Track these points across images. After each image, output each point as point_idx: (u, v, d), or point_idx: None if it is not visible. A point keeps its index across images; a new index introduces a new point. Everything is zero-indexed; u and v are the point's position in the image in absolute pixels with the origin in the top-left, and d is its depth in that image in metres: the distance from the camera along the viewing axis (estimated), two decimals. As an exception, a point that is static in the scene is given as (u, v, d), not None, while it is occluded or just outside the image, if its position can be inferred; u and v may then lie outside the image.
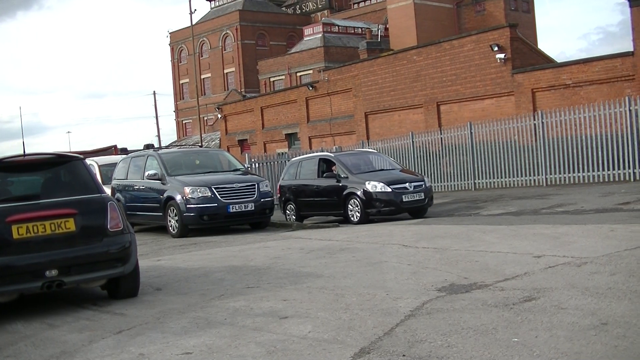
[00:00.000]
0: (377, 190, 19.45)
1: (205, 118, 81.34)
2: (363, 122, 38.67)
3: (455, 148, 29.02)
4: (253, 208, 19.37)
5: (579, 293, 7.47)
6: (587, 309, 6.79)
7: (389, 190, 19.45)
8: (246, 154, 33.09)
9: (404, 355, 5.88)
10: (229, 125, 50.74)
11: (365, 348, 6.19)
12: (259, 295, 9.06)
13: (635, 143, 23.21)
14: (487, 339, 6.13)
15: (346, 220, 20.23)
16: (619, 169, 23.78)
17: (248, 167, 23.63)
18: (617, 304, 6.86)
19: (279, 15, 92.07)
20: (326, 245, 14.16)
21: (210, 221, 19.27)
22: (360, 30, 72.56)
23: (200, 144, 59.23)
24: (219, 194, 19.01)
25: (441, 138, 29.84)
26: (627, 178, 23.41)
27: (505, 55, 30.76)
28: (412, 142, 30.74)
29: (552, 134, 25.64)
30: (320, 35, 71.95)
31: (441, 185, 29.52)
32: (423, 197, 19.85)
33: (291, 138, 45.15)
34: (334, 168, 21.08)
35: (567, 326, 6.27)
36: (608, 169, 24.03)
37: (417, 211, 20.07)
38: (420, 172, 27.44)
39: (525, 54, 31.85)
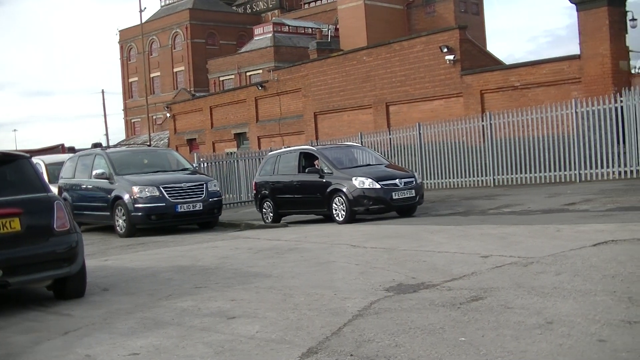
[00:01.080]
0: (365, 186, 18.10)
1: (154, 117, 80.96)
2: (312, 122, 38.69)
3: (404, 148, 29.14)
4: (201, 208, 19.34)
5: (525, 292, 7.54)
6: (532, 308, 6.84)
7: (378, 186, 18.12)
8: (195, 154, 32.89)
9: (351, 355, 5.88)
10: (178, 125, 50.48)
11: (313, 348, 6.18)
12: (207, 295, 9.02)
13: (581, 145, 23.52)
14: (434, 338, 6.15)
15: (330, 219, 19.06)
16: (565, 170, 24.07)
17: (196, 167, 23.51)
18: (562, 303, 6.93)
19: (229, 14, 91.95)
20: (275, 245, 14.13)
21: (158, 221, 19.22)
22: (310, 30, 72.70)
23: (148, 143, 58.89)
24: (167, 194, 18.94)
25: (390, 138, 29.94)
26: (573, 179, 23.70)
27: (454, 57, 30.96)
28: (361, 142, 30.73)
29: (500, 135, 25.87)
30: (271, 35, 71.95)
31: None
32: (414, 195, 18.52)
33: (240, 138, 45.05)
34: (316, 162, 19.76)
35: (513, 325, 6.32)
36: (554, 170, 24.32)
37: (407, 209, 18.93)
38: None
39: (475, 56, 32.08)
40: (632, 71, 25.53)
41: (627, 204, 15.82)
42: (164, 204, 18.91)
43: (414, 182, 18.80)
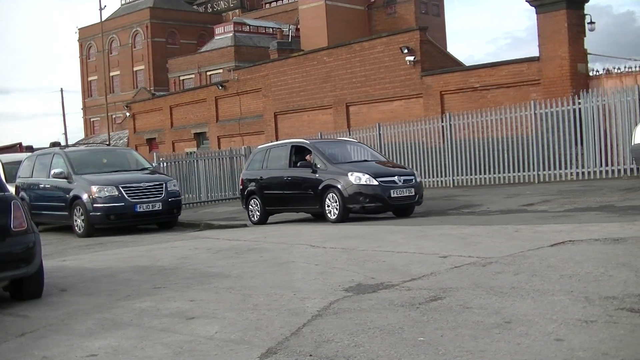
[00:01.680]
0: (362, 182, 17.06)
1: (114, 116, 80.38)
2: (272, 122, 38.60)
3: (365, 149, 29.15)
4: (161, 208, 19.27)
5: (483, 292, 7.58)
6: (491, 308, 6.88)
7: (376, 183, 17.09)
8: (154, 153, 32.72)
9: (310, 355, 5.87)
10: (138, 124, 50.17)
11: (273, 348, 6.16)
12: (166, 295, 8.97)
13: (540, 146, 23.75)
14: (393, 338, 6.17)
15: (322, 217, 18.15)
16: (524, 171, 24.30)
17: (156, 167, 23.40)
18: (520, 303, 6.98)
19: (190, 13, 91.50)
20: (234, 245, 14.10)
21: (117, 221, 19.13)
22: (271, 30, 72.60)
23: (108, 143, 58.51)
24: (126, 193, 18.86)
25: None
26: (532, 180, 23.92)
27: (414, 58, 31.01)
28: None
29: (460, 136, 26.03)
30: (231, 34, 71.76)
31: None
32: (413, 194, 17.50)
33: (200, 137, 44.87)
34: (308, 157, 18.59)
35: (472, 325, 6.35)
36: (513, 171, 24.54)
37: (405, 209, 17.91)
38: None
39: (435, 57, 32.18)
40: (590, 74, 25.75)
41: (584, 204, 15.99)
42: (123, 204, 18.83)
43: (414, 180, 17.86)
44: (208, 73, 71.41)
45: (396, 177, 17.52)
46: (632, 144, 19.16)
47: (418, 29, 32.32)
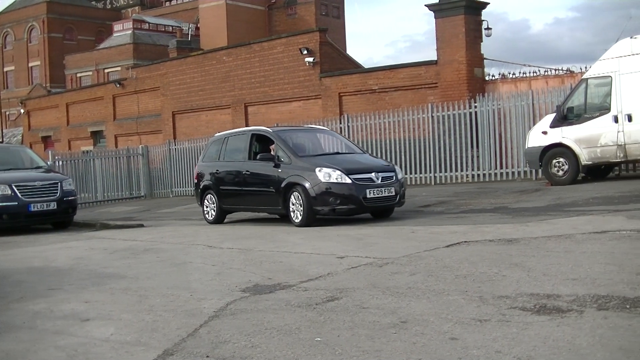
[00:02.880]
0: (332, 180, 14.64)
1: (8, 113, 78.55)
2: (170, 122, 38.25)
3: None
4: (55, 207, 18.92)
5: (380, 293, 7.63)
6: (387, 308, 6.93)
7: (349, 181, 14.65)
8: (50, 151, 32.08)
9: (207, 356, 5.83)
10: (33, 121, 49.17)
11: (169, 350, 6.10)
12: (61, 297, 8.79)
13: (437, 148, 24.11)
14: (290, 338, 6.16)
15: (286, 218, 15.90)
16: (421, 172, 24.63)
17: (51, 165, 22.97)
18: (416, 303, 7.05)
19: (88, 9, 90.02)
20: (130, 245, 13.93)
21: (10, 220, 18.68)
22: (171, 28, 72.11)
23: (0, 140, 57.16)
24: (19, 192, 18.45)
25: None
26: (429, 181, 24.26)
27: (314, 59, 31.11)
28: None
29: (358, 138, 26.18)
30: (130, 31, 70.96)
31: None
32: (393, 194, 15.04)
33: (97, 136, 44.22)
34: (272, 148, 16.57)
35: (368, 325, 6.38)
36: (411, 173, 24.81)
37: (383, 211, 15.70)
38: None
39: (334, 59, 32.36)
40: (486, 78, 26.27)
41: (479, 206, 16.27)
42: (16, 203, 18.41)
43: (394, 178, 15.39)
44: (106, 70, 70.44)
45: (373, 174, 15.06)
46: (526, 147, 19.64)
47: (318, 31, 32.46)
